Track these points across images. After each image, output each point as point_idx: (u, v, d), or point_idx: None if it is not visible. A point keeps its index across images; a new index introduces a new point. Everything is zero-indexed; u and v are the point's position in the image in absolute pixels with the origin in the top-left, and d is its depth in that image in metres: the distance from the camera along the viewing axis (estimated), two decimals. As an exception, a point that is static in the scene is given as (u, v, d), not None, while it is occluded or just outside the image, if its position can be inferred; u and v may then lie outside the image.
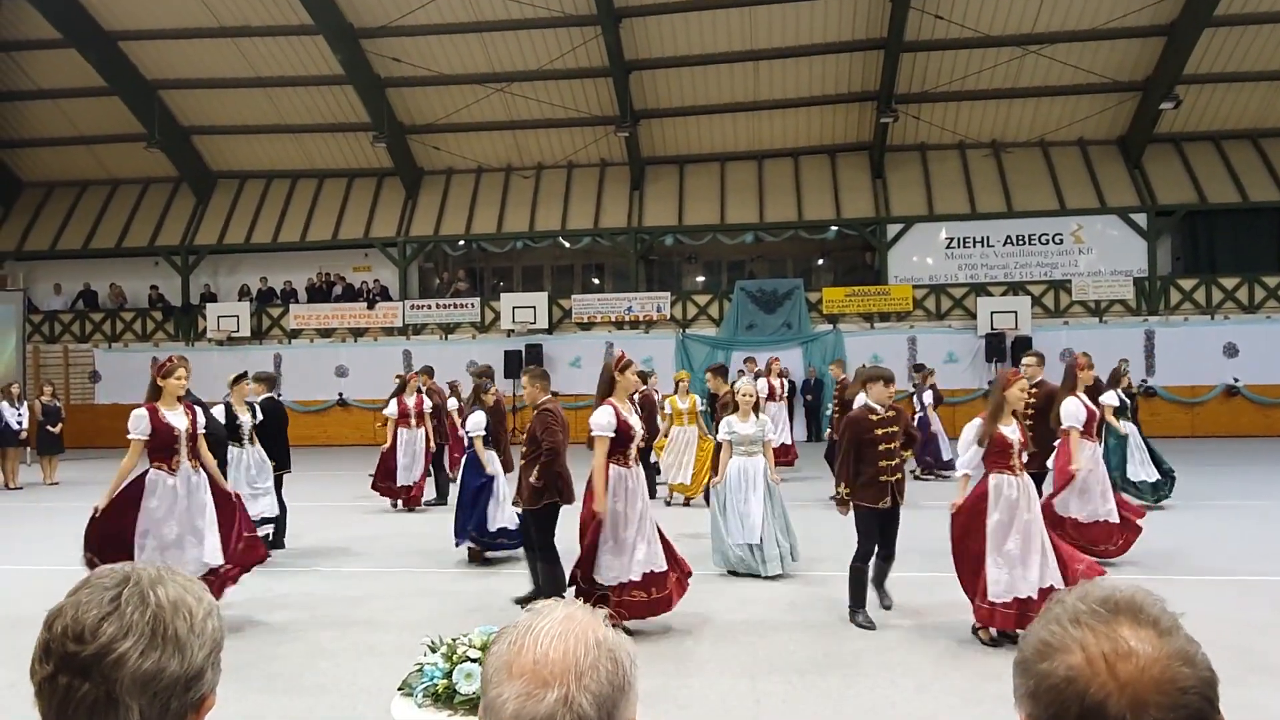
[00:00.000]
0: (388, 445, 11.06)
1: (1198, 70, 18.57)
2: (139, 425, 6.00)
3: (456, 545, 8.27)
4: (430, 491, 11.42)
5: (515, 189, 21.97)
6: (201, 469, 6.26)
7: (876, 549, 6.27)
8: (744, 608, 6.65)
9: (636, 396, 11.13)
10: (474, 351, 19.93)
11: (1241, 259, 19.19)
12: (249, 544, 6.36)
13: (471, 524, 8.16)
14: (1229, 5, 17.29)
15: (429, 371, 12.59)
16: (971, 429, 5.85)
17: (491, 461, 8.30)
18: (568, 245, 22.12)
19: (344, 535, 9.63)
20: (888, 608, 6.39)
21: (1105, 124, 20.00)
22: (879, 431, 6.15)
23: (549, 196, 21.69)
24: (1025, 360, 7.93)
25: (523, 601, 6.41)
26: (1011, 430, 5.80)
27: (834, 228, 20.65)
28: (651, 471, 11.72)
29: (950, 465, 12.27)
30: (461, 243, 21.92)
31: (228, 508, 6.31)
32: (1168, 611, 1.03)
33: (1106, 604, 1.02)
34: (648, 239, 21.14)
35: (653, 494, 11.11)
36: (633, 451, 6.10)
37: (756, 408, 7.66)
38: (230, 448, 8.24)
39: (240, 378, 8.68)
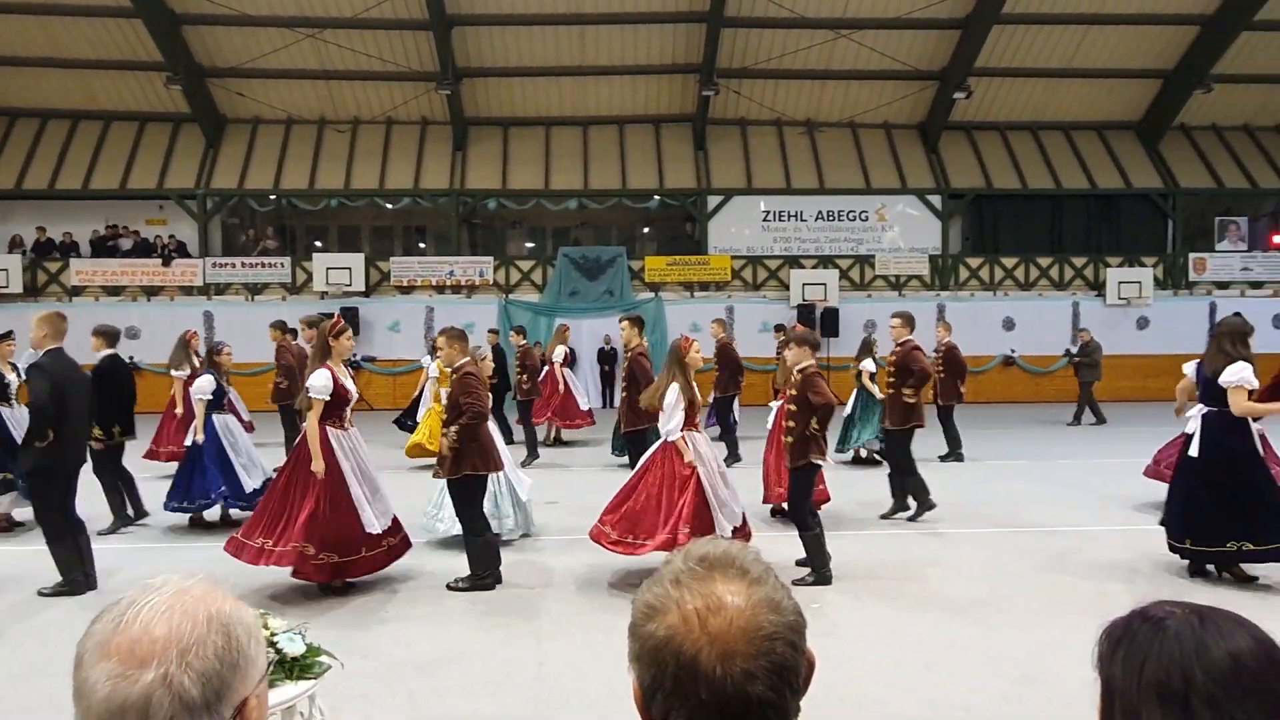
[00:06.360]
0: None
1: (987, 64, 20.06)
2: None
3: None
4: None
5: (330, 143, 20.87)
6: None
7: None
8: (539, 573, 6.71)
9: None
10: (283, 313, 18.77)
11: (1020, 241, 21.05)
12: None
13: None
14: (1015, 4, 18.74)
15: (281, 327, 11.85)
16: (673, 394, 6.28)
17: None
18: (388, 206, 21.30)
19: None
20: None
21: (907, 109, 21.28)
22: None
23: (366, 153, 20.76)
24: (890, 321, 8.65)
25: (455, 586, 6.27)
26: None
27: (657, 197, 20.95)
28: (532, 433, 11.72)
29: None
30: (271, 198, 20.64)
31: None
32: (759, 562, 1.08)
33: (704, 561, 1.06)
34: (470, 202, 20.68)
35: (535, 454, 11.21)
36: (348, 414, 6.32)
37: None
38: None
39: (4, 336, 8.25)
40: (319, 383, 6.05)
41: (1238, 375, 6.01)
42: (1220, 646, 1.04)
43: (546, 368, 13.37)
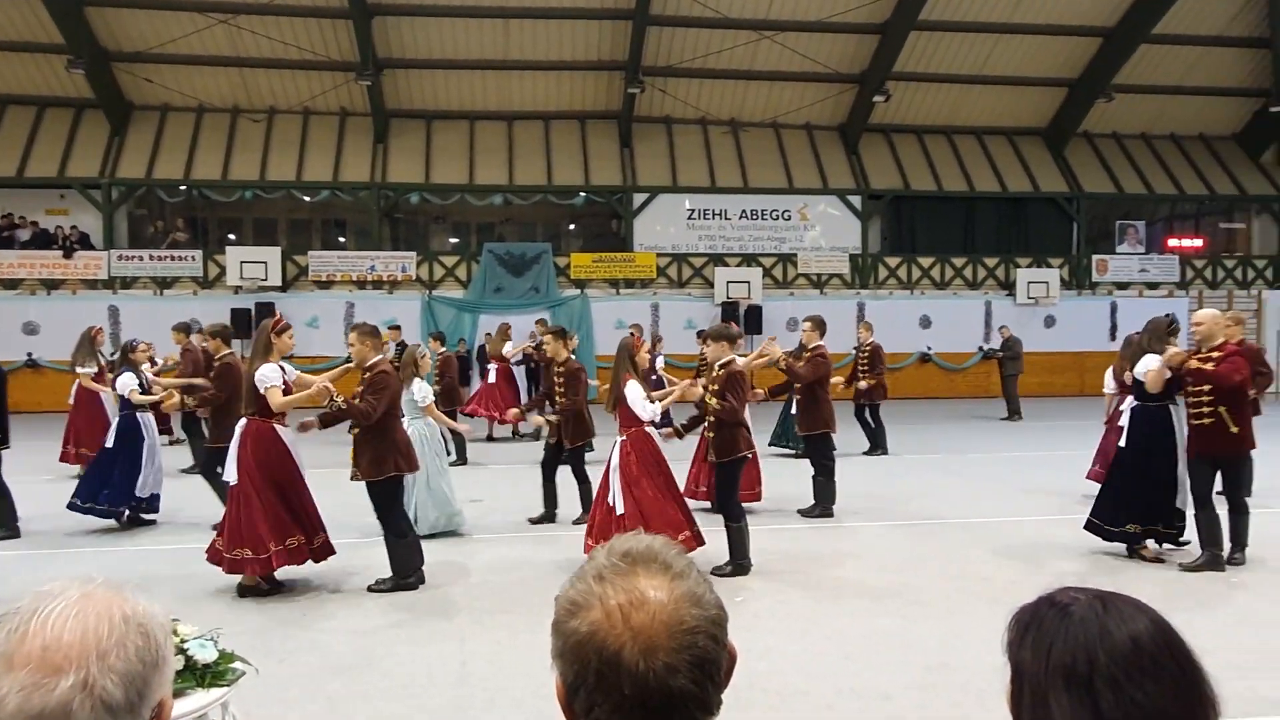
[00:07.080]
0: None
1: (905, 68, 20.57)
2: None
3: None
4: None
5: (243, 133, 20.20)
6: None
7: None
8: (461, 572, 6.63)
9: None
10: (195, 309, 18.21)
11: (935, 241, 21.67)
12: None
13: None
14: (931, 10, 19.27)
15: (185, 330, 11.36)
16: (634, 389, 6.42)
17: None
18: (305, 198, 20.72)
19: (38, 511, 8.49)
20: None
21: (828, 111, 21.69)
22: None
23: (283, 144, 20.15)
24: (802, 325, 8.95)
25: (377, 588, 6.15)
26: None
27: (582, 194, 20.89)
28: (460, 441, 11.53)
29: None
30: (181, 188, 19.86)
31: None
32: (681, 557, 1.08)
33: (626, 557, 1.07)
34: (392, 196, 20.28)
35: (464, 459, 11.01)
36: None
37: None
38: None
39: None
40: (268, 372, 5.97)
41: (1144, 366, 6.62)
42: (1121, 630, 1.09)
43: (496, 366, 13.27)
